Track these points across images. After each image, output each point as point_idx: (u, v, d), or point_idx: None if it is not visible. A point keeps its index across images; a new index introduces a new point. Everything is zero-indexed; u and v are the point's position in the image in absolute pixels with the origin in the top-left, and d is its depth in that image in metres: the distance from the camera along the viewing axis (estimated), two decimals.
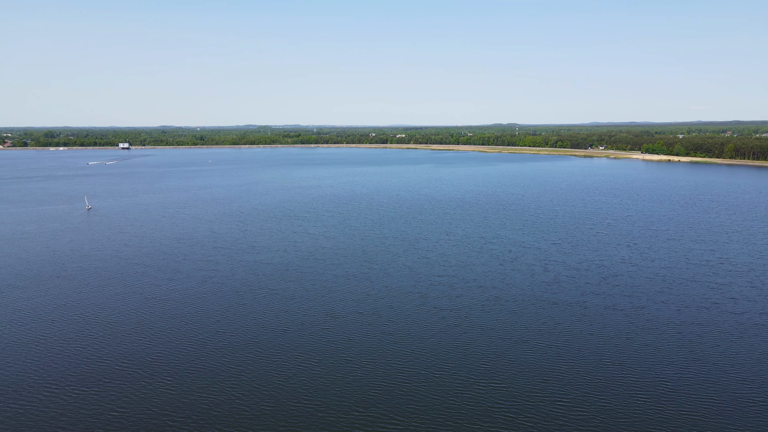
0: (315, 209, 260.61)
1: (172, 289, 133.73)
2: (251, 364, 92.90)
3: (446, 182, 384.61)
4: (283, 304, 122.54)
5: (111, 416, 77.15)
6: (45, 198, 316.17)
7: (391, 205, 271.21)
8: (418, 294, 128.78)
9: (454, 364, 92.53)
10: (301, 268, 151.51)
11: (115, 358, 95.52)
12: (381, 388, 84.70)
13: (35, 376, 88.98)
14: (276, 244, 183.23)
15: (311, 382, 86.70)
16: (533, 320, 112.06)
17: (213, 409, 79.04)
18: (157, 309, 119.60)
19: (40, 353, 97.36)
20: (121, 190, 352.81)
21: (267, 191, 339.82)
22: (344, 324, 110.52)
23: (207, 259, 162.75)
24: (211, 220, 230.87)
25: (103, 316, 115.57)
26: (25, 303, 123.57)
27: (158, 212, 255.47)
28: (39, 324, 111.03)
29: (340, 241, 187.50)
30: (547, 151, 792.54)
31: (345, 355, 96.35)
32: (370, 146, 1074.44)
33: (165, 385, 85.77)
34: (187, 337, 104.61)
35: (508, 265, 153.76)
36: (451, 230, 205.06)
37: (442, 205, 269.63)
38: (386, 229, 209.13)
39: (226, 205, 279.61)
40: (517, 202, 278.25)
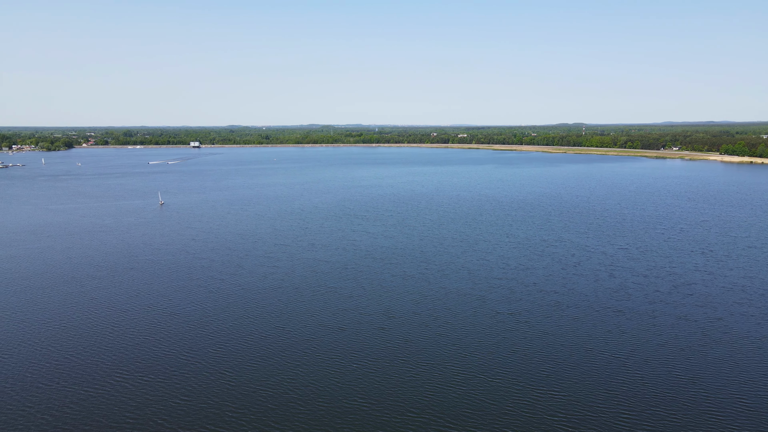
0: (374, 208, 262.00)
1: (234, 284, 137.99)
2: (308, 361, 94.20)
3: (508, 183, 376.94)
4: (341, 302, 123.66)
5: (174, 404, 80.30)
6: (122, 193, 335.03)
7: (451, 206, 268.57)
8: (476, 296, 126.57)
9: (511, 370, 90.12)
10: (359, 267, 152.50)
11: (180, 348, 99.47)
12: (436, 391, 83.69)
13: (108, 362, 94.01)
14: (335, 242, 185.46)
15: (366, 382, 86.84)
16: (597, 328, 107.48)
17: (269, 403, 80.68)
18: (220, 303, 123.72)
19: (113, 341, 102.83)
20: (191, 187, 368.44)
21: (328, 190, 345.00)
22: (400, 324, 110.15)
23: (268, 255, 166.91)
24: (273, 218, 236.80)
25: (170, 307, 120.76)
26: (100, 293, 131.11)
27: (224, 209, 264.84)
28: (112, 313, 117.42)
29: (399, 240, 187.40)
30: (615, 152, 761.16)
31: (401, 355, 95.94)
32: (432, 146, 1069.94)
33: (225, 378, 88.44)
34: (247, 332, 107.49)
35: (570, 270, 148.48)
36: (511, 232, 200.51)
37: (503, 207, 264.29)
38: (445, 229, 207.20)
39: (288, 203, 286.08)
40: (582, 205, 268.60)
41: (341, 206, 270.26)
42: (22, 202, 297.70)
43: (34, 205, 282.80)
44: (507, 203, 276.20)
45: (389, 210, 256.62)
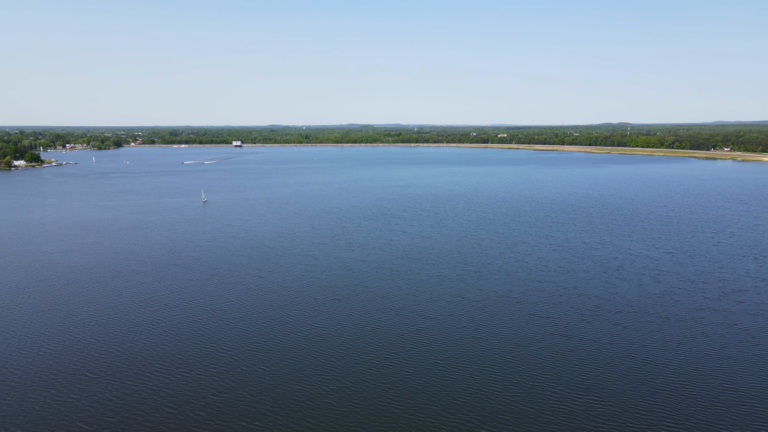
0: (412, 208, 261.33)
1: (272, 281, 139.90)
2: (343, 360, 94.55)
3: (548, 184, 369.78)
4: (377, 301, 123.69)
5: (212, 399, 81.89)
6: (167, 191, 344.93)
7: (489, 207, 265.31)
8: (513, 299, 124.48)
9: (549, 375, 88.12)
10: (395, 267, 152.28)
11: (219, 344, 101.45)
12: (471, 395, 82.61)
13: (150, 356, 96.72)
14: (372, 241, 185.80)
15: (401, 382, 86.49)
16: (640, 335, 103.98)
17: (304, 400, 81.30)
18: (257, 300, 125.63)
19: (155, 335, 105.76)
20: (233, 185, 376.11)
21: (366, 189, 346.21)
22: (436, 325, 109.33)
23: (306, 253, 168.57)
24: (312, 216, 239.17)
25: (210, 303, 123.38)
26: (144, 287, 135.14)
27: (263, 207, 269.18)
28: (155, 308, 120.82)
29: (436, 241, 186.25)
30: (662, 153, 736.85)
31: (436, 357, 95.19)
32: (471, 146, 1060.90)
33: (261, 374, 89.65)
34: (283, 329, 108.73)
35: (612, 274, 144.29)
36: (551, 234, 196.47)
37: (543, 208, 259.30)
38: (483, 230, 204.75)
39: (326, 201, 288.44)
40: (625, 207, 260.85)
41: (379, 206, 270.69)
42: (74, 198, 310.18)
43: (85, 202, 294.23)
44: (547, 204, 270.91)
45: (427, 210, 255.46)
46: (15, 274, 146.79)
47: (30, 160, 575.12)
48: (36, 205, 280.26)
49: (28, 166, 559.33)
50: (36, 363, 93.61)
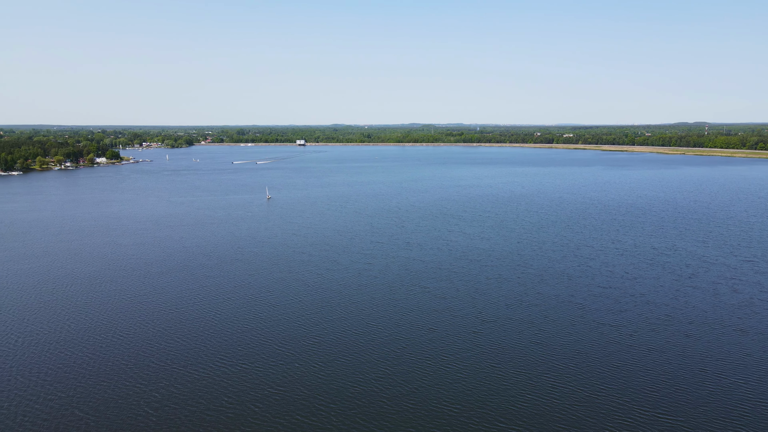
0: (472, 209, 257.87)
1: (330, 279, 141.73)
2: (398, 360, 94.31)
3: (616, 186, 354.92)
4: (434, 302, 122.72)
5: (268, 392, 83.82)
6: (233, 188, 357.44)
7: (552, 208, 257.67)
8: (575, 305, 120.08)
9: (613, 386, 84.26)
10: (453, 268, 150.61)
11: (276, 339, 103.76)
12: (529, 402, 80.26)
13: (212, 348, 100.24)
14: (431, 241, 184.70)
15: (456, 385, 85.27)
16: (714, 348, 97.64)
17: (358, 398, 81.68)
18: (316, 297, 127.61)
19: (217, 327, 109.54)
20: (296, 183, 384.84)
21: (426, 189, 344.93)
22: (493, 329, 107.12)
23: (364, 252, 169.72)
24: (371, 215, 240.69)
25: (270, 299, 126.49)
26: (209, 281, 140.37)
27: (324, 205, 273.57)
28: (218, 301, 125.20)
29: (495, 242, 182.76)
30: (743, 154, 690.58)
31: (492, 361, 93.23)
32: (534, 146, 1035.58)
33: (316, 370, 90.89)
34: (340, 327, 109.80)
35: (685, 282, 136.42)
36: (618, 238, 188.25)
37: (610, 211, 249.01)
38: (545, 233, 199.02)
39: (386, 200, 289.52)
40: (701, 211, 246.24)
41: (438, 206, 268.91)
42: (148, 194, 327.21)
43: (158, 197, 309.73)
44: (614, 207, 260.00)
45: (487, 211, 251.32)
46: (94, 265, 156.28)
47: (110, 158, 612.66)
48: (114, 200, 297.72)
49: (109, 163, 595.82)
50: (109, 349, 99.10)
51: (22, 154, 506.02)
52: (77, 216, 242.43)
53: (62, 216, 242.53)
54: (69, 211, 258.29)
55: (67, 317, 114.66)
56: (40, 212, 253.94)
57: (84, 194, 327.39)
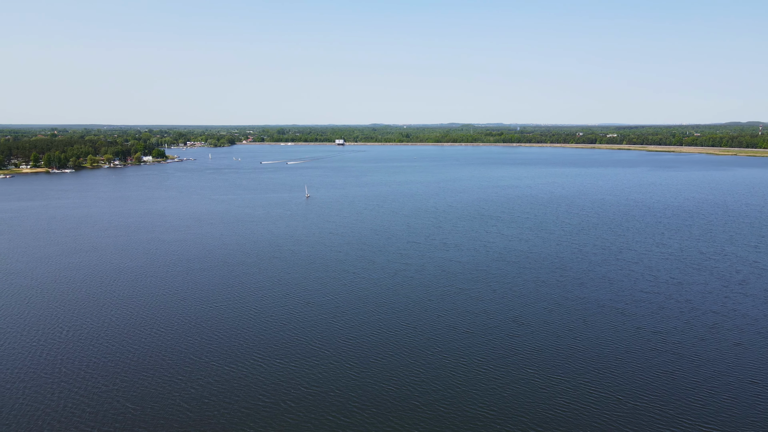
0: (510, 210, 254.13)
1: (366, 278, 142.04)
2: (433, 361, 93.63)
3: (662, 187, 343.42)
4: (470, 304, 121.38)
5: (303, 390, 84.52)
6: (273, 186, 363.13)
7: (594, 210, 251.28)
8: (617, 310, 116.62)
9: (656, 395, 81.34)
10: (490, 270, 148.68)
11: (311, 337, 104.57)
12: (567, 409, 78.32)
13: (247, 344, 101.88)
14: (468, 242, 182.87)
15: (492, 389, 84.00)
16: (767, 358, 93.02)
17: (391, 399, 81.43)
18: (351, 297, 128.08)
19: (254, 323, 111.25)
20: (334, 182, 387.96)
21: (464, 189, 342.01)
22: (531, 332, 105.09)
23: (400, 252, 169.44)
24: (408, 215, 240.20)
25: (306, 297, 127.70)
26: (247, 278, 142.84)
27: (362, 204, 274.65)
28: (255, 298, 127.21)
29: (534, 244, 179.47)
30: None
31: (529, 365, 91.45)
32: (576, 146, 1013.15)
33: (350, 369, 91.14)
34: (375, 327, 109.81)
35: (734, 288, 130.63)
36: (663, 241, 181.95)
37: (655, 213, 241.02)
38: (586, 235, 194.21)
39: (423, 200, 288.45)
40: (753, 214, 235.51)
41: (476, 206, 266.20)
42: (191, 192, 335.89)
43: (200, 195, 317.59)
44: (659, 210, 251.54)
45: (526, 212, 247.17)
46: (138, 260, 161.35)
47: (156, 156, 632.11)
48: (159, 197, 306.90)
49: (155, 161, 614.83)
50: (150, 343, 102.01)
51: (74, 153, 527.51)
52: (124, 212, 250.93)
53: (110, 212, 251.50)
54: (116, 207, 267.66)
55: (113, 311, 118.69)
56: (89, 208, 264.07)
57: (130, 191, 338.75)
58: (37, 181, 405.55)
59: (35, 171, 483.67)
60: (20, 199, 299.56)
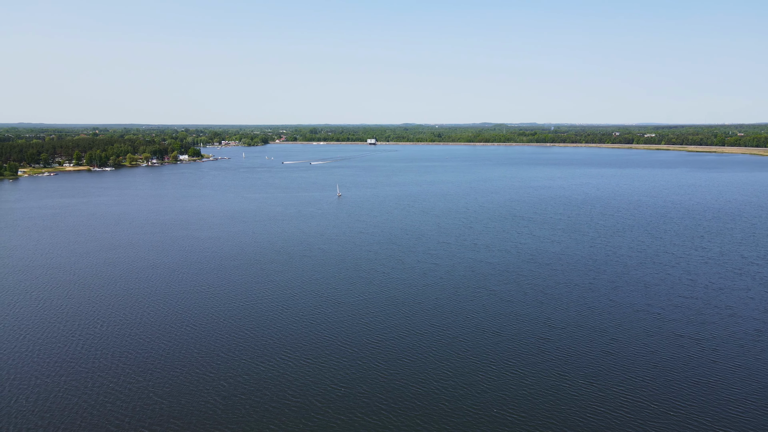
0: (543, 211, 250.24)
1: (395, 278, 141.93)
2: (461, 363, 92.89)
3: (702, 189, 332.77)
4: (500, 305, 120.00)
5: (330, 389, 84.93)
6: (305, 185, 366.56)
7: (630, 212, 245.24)
8: (653, 315, 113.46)
9: (693, 404, 78.78)
10: (521, 271, 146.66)
11: (339, 336, 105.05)
12: (598, 414, 76.56)
13: (275, 342, 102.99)
14: (499, 243, 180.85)
15: (519, 392, 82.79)
16: None
17: (416, 399, 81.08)
18: (380, 296, 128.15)
19: (283, 322, 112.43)
20: (365, 182, 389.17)
21: (495, 189, 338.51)
22: (562, 336, 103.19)
23: (430, 252, 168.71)
24: (438, 215, 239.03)
25: (335, 296, 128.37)
26: (278, 276, 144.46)
27: (392, 204, 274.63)
28: (285, 296, 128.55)
29: (567, 246, 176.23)
30: None
31: (560, 369, 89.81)
32: (613, 146, 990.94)
33: (377, 368, 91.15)
34: (402, 327, 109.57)
35: None
36: (702, 245, 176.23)
37: (694, 216, 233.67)
38: (620, 237, 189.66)
39: (454, 201, 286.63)
40: None
41: (508, 207, 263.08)
42: (225, 190, 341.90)
43: (234, 193, 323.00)
44: (699, 212, 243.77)
45: (559, 213, 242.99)
46: (173, 257, 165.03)
47: (192, 155, 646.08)
48: (194, 195, 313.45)
49: (191, 160, 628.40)
50: (182, 338, 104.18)
51: (114, 152, 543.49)
52: (160, 210, 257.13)
53: (147, 210, 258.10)
54: (153, 205, 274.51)
55: (147, 306, 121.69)
56: (127, 206, 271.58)
57: (167, 189, 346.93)
58: (79, 179, 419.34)
59: (77, 169, 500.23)
60: (63, 196, 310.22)
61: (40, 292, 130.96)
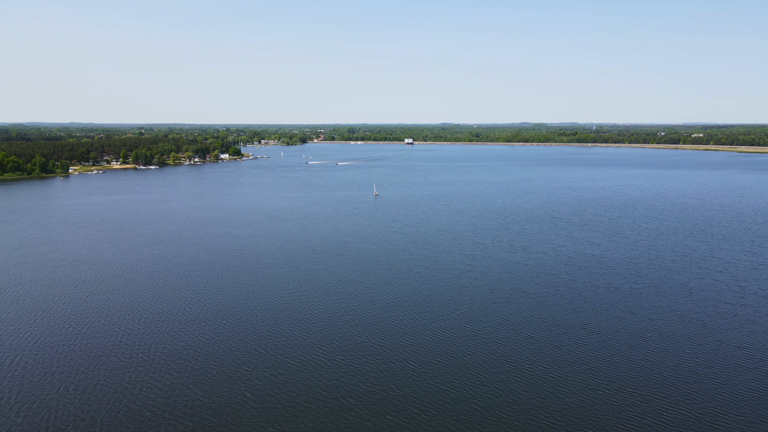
0: (582, 212, 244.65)
1: (430, 278, 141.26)
2: (494, 365, 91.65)
3: (753, 191, 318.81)
4: (535, 308, 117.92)
5: (363, 388, 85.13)
6: (341, 185, 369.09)
7: (674, 215, 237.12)
8: (697, 321, 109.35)
9: (743, 417, 75.49)
10: (559, 274, 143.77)
11: (372, 335, 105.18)
12: (638, 424, 74.25)
13: (311, 340, 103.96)
14: (536, 245, 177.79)
15: (554, 398, 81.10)
16: None
17: (448, 403, 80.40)
18: (414, 296, 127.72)
19: (319, 320, 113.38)
20: (402, 181, 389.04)
21: (534, 190, 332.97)
22: (599, 341, 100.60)
23: (466, 253, 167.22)
24: (475, 216, 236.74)
25: (370, 295, 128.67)
26: (313, 274, 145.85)
27: (429, 204, 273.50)
28: (320, 294, 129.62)
29: (607, 249, 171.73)
30: None
31: (597, 376, 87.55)
32: (657, 146, 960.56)
33: (409, 370, 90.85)
34: (435, 327, 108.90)
35: None
36: (752, 249, 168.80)
37: (744, 219, 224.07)
38: (664, 241, 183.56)
39: (491, 201, 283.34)
40: None
41: (546, 208, 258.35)
42: (264, 188, 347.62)
43: (273, 192, 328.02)
44: (749, 216, 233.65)
45: (599, 215, 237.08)
46: (212, 253, 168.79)
47: (233, 154, 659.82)
48: (234, 193, 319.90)
49: (231, 159, 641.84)
50: (219, 333, 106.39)
51: (159, 150, 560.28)
52: (201, 207, 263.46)
53: (188, 207, 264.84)
54: (194, 202, 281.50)
55: (186, 302, 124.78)
56: (170, 203, 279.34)
57: (208, 187, 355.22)
58: (125, 177, 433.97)
59: (124, 167, 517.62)
60: (109, 193, 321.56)
61: (87, 285, 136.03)
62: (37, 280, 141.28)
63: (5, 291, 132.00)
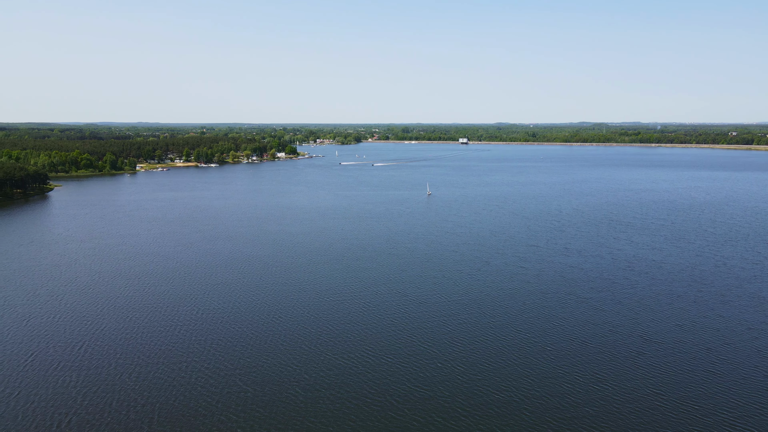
0: (642, 216, 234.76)
1: (480, 281, 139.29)
2: (542, 372, 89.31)
3: None
4: (590, 314, 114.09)
5: (411, 389, 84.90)
6: (395, 184, 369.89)
7: (745, 220, 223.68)
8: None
9: None
10: (616, 279, 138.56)
11: (421, 336, 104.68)
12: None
13: (353, 338, 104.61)
14: (592, 248, 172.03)
15: (610, 408, 78.09)
16: None
17: (497, 407, 79.00)
18: (463, 298, 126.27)
19: (363, 319, 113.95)
20: (456, 181, 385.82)
21: (591, 192, 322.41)
22: (660, 351, 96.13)
23: (518, 255, 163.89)
24: (529, 217, 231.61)
25: (420, 296, 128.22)
26: (363, 273, 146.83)
27: (482, 204, 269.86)
28: (368, 294, 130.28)
29: (669, 254, 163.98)
30: None
31: (657, 388, 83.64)
32: (728, 147, 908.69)
33: (457, 371, 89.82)
34: (486, 331, 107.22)
35: None
36: None
37: None
38: (733, 247, 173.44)
39: (547, 203, 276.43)
40: None
41: (604, 211, 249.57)
42: (318, 187, 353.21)
43: (327, 190, 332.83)
44: None
45: (661, 219, 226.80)
46: (267, 249, 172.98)
47: (289, 153, 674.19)
48: (289, 192, 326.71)
49: (288, 157, 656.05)
50: (270, 327, 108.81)
51: (219, 149, 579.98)
52: (257, 204, 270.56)
53: (245, 204, 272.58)
54: (251, 199, 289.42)
55: (240, 297, 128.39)
56: (228, 200, 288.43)
57: (264, 185, 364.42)
58: (187, 174, 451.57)
59: (186, 165, 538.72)
60: (172, 190, 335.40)
61: (149, 278, 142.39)
62: (104, 271, 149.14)
63: (76, 281, 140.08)
